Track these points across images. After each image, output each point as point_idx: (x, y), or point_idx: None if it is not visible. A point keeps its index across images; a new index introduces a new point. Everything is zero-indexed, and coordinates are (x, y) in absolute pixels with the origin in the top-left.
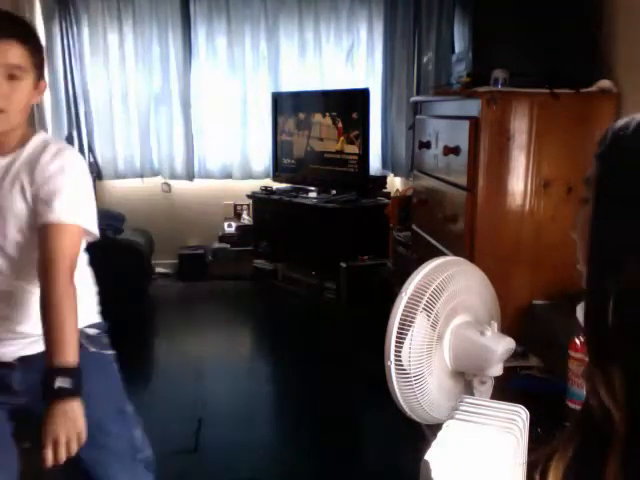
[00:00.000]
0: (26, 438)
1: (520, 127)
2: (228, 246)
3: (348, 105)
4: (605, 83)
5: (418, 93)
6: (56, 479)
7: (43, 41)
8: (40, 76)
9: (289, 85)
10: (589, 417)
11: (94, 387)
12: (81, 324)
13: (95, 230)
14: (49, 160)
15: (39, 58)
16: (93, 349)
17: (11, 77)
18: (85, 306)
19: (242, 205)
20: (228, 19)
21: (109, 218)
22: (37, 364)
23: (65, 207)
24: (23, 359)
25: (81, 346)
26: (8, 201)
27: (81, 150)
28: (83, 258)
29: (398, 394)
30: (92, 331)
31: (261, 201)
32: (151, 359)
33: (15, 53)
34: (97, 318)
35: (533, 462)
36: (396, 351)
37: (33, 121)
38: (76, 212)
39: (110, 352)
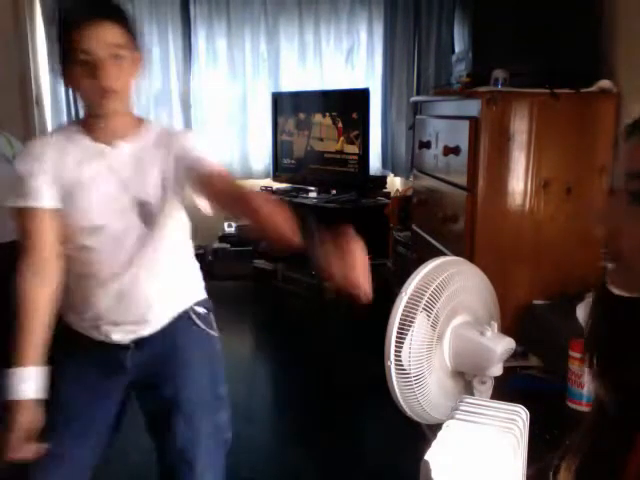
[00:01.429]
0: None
1: (520, 127)
2: (228, 246)
3: (348, 105)
4: (605, 83)
5: (418, 93)
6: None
7: (44, 41)
8: (135, 49)
9: (289, 87)
10: (603, 419)
11: (199, 371)
12: (191, 301)
13: None
14: (183, 140)
15: (133, 31)
16: (203, 328)
17: (114, 57)
18: (193, 282)
19: None
20: (228, 21)
21: None
22: (149, 343)
23: (217, 164)
24: (137, 341)
25: (193, 324)
26: (148, 183)
27: None
28: (187, 232)
29: (398, 394)
30: (201, 309)
31: None
32: None
33: (113, 33)
34: (204, 294)
35: (547, 464)
36: (396, 351)
37: (33, 120)
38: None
39: (216, 333)
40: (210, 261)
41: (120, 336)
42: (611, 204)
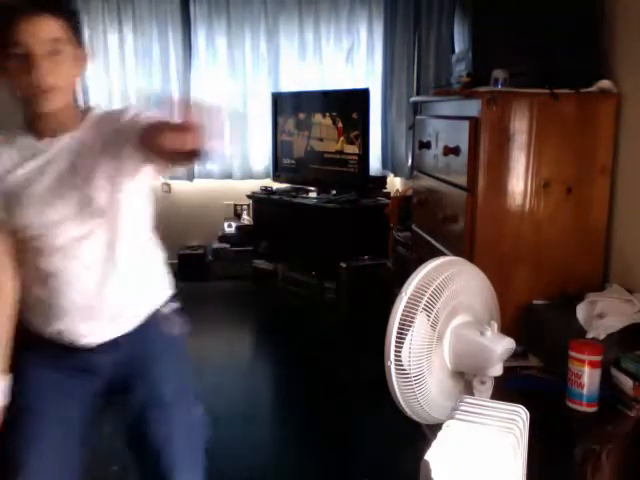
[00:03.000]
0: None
1: (520, 127)
2: (228, 246)
3: (348, 105)
4: (605, 83)
5: (418, 93)
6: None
7: None
8: (78, 44)
9: (289, 86)
10: None
11: (170, 368)
12: (157, 303)
13: None
14: (118, 112)
15: (76, 26)
16: (167, 329)
17: (53, 52)
18: (159, 281)
19: (242, 205)
20: (228, 20)
21: None
22: (119, 346)
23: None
24: (106, 344)
25: (158, 324)
26: (91, 171)
27: None
28: (149, 225)
29: (398, 394)
30: (166, 309)
31: (261, 201)
32: None
33: (51, 27)
34: (170, 291)
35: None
36: (396, 351)
37: None
38: None
39: (182, 333)
40: (210, 261)
41: (88, 339)
42: None
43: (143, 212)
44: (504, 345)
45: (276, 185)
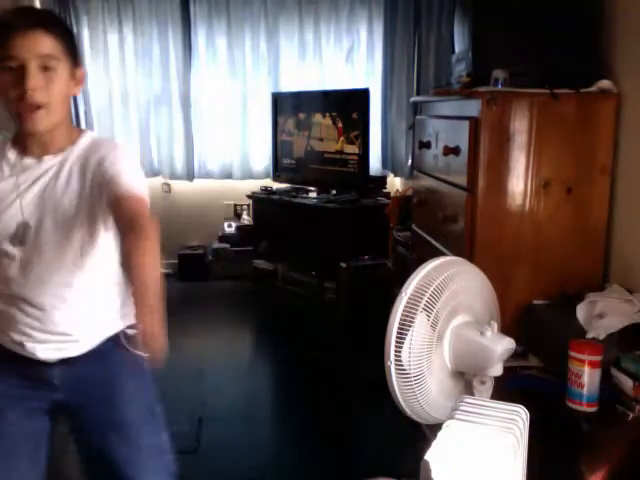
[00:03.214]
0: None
1: (520, 127)
2: (228, 246)
3: (348, 105)
4: (605, 83)
5: (418, 93)
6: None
7: None
8: (75, 64)
9: (289, 86)
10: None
11: (130, 388)
12: (122, 325)
13: None
14: (106, 152)
15: (71, 45)
16: (131, 350)
17: (45, 68)
18: (126, 307)
19: (242, 205)
20: (228, 20)
21: None
22: (78, 364)
23: (134, 183)
24: (64, 360)
25: (121, 347)
26: (64, 199)
27: None
28: (114, 254)
29: (398, 394)
30: (131, 331)
31: (261, 201)
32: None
33: (44, 42)
34: (129, 322)
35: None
36: (396, 351)
37: None
38: (143, 190)
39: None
40: (210, 261)
41: (46, 354)
42: None
43: (113, 249)
44: (504, 345)
45: (276, 185)
